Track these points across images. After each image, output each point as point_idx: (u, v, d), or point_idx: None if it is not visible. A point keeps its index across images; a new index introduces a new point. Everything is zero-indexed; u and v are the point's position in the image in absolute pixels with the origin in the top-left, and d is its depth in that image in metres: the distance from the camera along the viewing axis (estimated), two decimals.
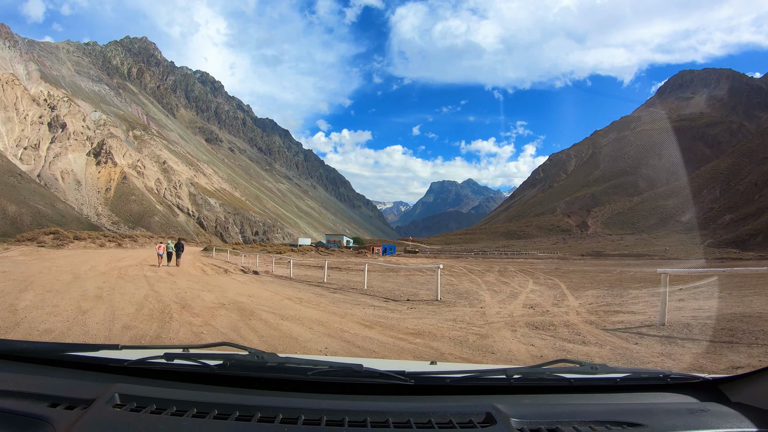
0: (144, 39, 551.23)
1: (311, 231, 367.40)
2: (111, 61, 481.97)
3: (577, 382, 2.47)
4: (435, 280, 18.64)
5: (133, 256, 46.06)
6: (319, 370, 2.31)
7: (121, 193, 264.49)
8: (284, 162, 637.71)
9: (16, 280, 19.67)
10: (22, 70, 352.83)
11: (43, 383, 2.26)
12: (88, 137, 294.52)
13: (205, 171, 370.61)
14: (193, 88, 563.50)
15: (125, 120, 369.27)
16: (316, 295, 18.36)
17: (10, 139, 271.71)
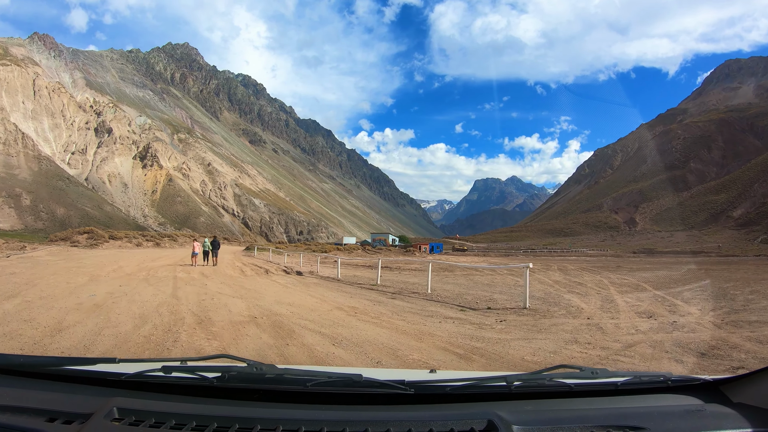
0: (186, 45, 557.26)
1: (356, 230, 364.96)
2: (154, 68, 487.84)
3: (577, 387, 2.45)
4: (502, 281, 15.74)
5: (171, 255, 44.36)
6: (318, 380, 2.29)
7: (167, 195, 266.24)
8: (328, 162, 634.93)
9: (18, 283, 17.90)
10: (67, 78, 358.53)
11: (40, 398, 2.23)
12: (133, 141, 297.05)
13: (250, 172, 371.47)
14: (236, 91, 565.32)
15: (170, 124, 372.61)
16: (372, 302, 15.31)
17: (58, 145, 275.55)
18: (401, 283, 22.84)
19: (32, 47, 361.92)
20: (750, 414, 2.24)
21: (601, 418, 2.17)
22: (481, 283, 22.93)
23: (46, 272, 22.76)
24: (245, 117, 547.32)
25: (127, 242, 61.99)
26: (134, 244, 61.57)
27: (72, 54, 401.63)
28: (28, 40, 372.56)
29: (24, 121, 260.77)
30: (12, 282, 18.06)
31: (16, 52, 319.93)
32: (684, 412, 2.32)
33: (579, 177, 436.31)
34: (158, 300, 14.01)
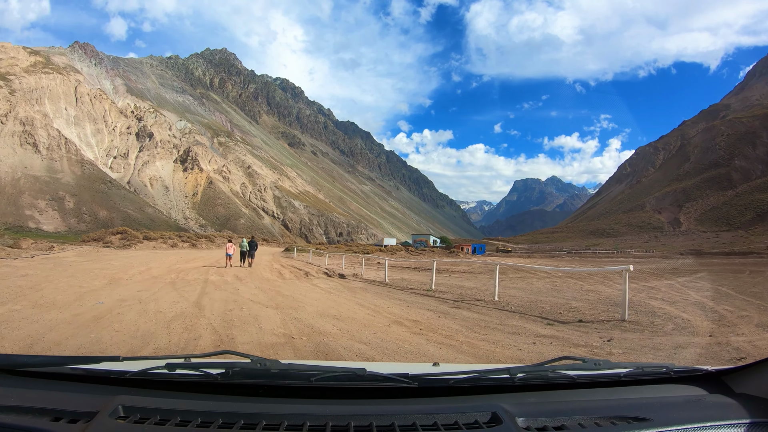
0: (224, 50, 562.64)
1: (395, 231, 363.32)
2: (193, 73, 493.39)
3: (580, 379, 2.46)
4: (565, 285, 14.23)
5: (207, 257, 43.09)
6: (322, 375, 2.29)
7: (207, 198, 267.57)
8: (367, 164, 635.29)
9: (22, 286, 15.94)
10: (108, 85, 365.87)
11: (45, 397, 2.23)
12: (174, 145, 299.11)
13: (289, 174, 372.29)
14: (274, 94, 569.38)
15: (210, 128, 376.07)
16: (435, 313, 12.63)
17: (101, 149, 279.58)
18: (457, 287, 20.25)
19: (73, 56, 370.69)
20: (752, 404, 2.24)
21: (604, 409, 2.18)
22: (545, 289, 20.61)
23: (63, 274, 21.03)
24: (284, 120, 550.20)
25: (161, 243, 60.27)
26: (169, 245, 60.26)
27: (112, 61, 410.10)
28: (69, 49, 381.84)
29: (67, 126, 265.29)
30: (16, 285, 16.10)
31: (57, 61, 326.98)
32: (686, 402, 2.34)
33: (620, 176, 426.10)
34: (176, 310, 11.85)
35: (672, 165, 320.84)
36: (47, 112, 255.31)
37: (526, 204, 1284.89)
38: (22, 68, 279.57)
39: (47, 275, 20.35)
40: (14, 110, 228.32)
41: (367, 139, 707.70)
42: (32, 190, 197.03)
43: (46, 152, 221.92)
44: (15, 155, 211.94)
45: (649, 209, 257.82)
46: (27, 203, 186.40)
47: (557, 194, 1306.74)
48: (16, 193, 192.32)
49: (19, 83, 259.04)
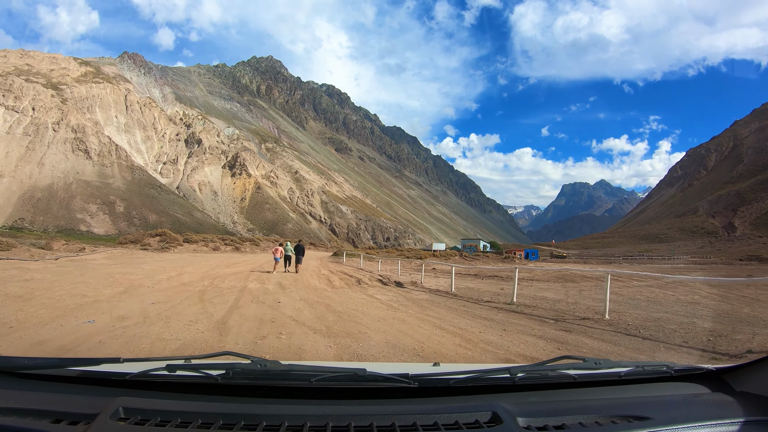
0: (270, 58, 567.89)
1: (443, 236, 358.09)
2: (240, 81, 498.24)
3: (581, 378, 2.45)
4: (649, 294, 13.61)
5: (249, 261, 40.80)
6: (322, 376, 2.28)
7: (255, 202, 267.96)
8: (413, 169, 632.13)
9: (11, 295, 13.69)
10: (157, 93, 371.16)
11: (45, 399, 2.23)
12: (222, 151, 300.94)
13: (336, 179, 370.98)
14: (321, 100, 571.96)
15: (257, 134, 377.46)
16: (544, 340, 9.56)
17: (150, 156, 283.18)
18: (540, 300, 17.17)
19: (123, 66, 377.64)
20: (752, 402, 2.26)
21: (604, 408, 2.19)
22: (637, 298, 18.13)
23: (74, 279, 18.57)
24: (330, 126, 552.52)
25: (203, 246, 57.92)
26: (211, 249, 58.27)
27: (161, 71, 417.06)
28: (119, 59, 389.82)
29: (117, 134, 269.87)
30: (4, 294, 13.82)
31: (107, 71, 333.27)
32: (687, 400, 2.36)
33: (671, 179, 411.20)
34: (187, 336, 8.78)
35: (724, 167, 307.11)
36: (98, 120, 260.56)
37: (575, 209, 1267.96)
38: (73, 78, 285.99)
39: (55, 280, 18.07)
40: (66, 118, 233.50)
41: (414, 144, 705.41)
42: (84, 194, 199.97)
43: (97, 158, 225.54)
44: (67, 161, 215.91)
45: (702, 213, 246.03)
46: (78, 207, 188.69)
47: (606, 198, 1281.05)
48: (68, 197, 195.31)
49: (71, 92, 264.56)
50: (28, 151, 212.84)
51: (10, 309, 11.07)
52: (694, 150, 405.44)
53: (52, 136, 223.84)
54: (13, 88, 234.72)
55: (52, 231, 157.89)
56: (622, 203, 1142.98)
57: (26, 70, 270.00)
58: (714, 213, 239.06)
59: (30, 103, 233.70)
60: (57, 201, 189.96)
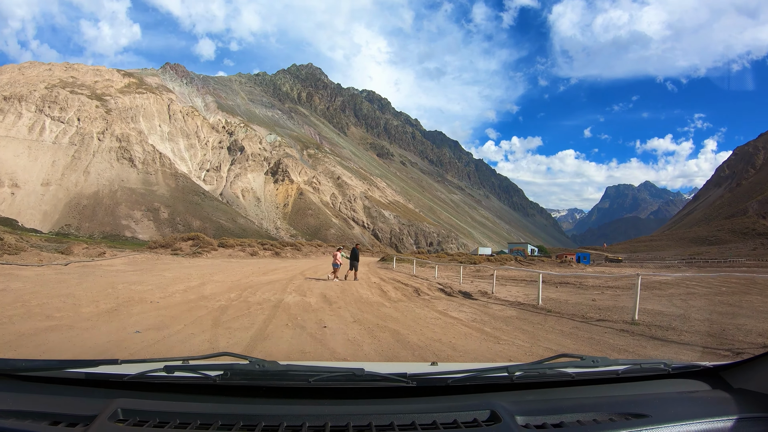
0: (309, 65, 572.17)
1: (486, 241, 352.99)
2: (281, 88, 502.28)
3: (579, 376, 2.45)
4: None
5: (290, 267, 36.74)
6: (321, 376, 2.28)
7: (298, 208, 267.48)
8: (456, 173, 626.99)
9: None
10: (200, 102, 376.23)
11: (43, 401, 2.23)
12: (265, 158, 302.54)
13: (379, 184, 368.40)
14: (361, 106, 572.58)
15: (299, 140, 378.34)
16: None
17: (194, 163, 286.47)
18: (666, 316, 13.62)
19: (165, 76, 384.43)
20: (750, 399, 2.27)
21: (603, 406, 2.19)
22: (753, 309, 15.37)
23: (60, 291, 15.37)
24: (372, 131, 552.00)
25: (239, 251, 53.44)
26: (248, 254, 53.14)
27: (203, 80, 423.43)
28: (161, 70, 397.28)
29: (161, 142, 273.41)
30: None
31: (150, 81, 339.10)
32: (685, 398, 2.37)
33: (718, 179, 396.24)
34: None
35: None
36: (142, 129, 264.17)
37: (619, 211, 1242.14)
38: (117, 89, 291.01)
39: (35, 291, 15.09)
40: (110, 128, 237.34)
41: (456, 148, 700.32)
42: (128, 201, 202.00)
43: (141, 166, 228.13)
44: (112, 169, 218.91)
45: (752, 214, 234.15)
46: (123, 214, 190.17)
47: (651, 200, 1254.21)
48: (113, 204, 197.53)
49: (115, 103, 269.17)
50: (74, 160, 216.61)
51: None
52: (741, 148, 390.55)
53: (97, 145, 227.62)
54: (58, 99, 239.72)
55: (97, 237, 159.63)
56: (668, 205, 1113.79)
57: (71, 83, 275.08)
58: (765, 214, 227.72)
59: (75, 114, 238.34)
60: (102, 208, 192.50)
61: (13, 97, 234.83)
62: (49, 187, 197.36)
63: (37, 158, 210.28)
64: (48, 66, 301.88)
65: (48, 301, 12.96)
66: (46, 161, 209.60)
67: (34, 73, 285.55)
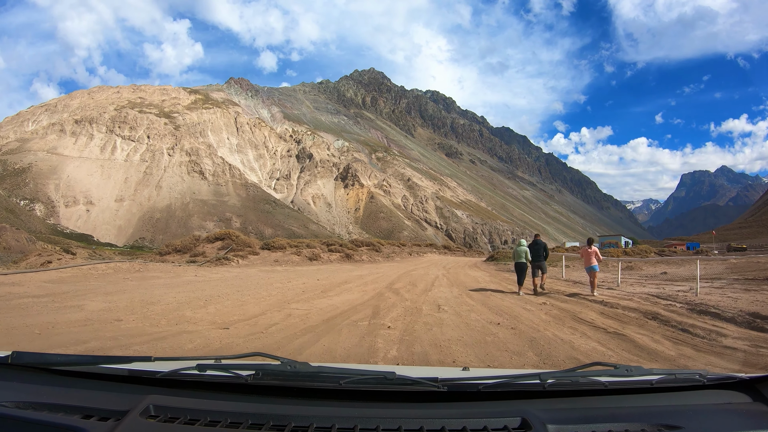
0: (371, 70, 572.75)
1: (560, 236, 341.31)
2: (345, 95, 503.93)
3: (612, 385, 2.41)
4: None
5: (368, 277, 24.56)
6: (352, 378, 2.28)
7: (369, 212, 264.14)
8: (526, 169, 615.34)
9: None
10: (266, 113, 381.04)
11: (77, 395, 2.27)
12: (334, 164, 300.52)
13: (449, 184, 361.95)
14: (426, 107, 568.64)
15: (367, 144, 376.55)
16: None
17: (264, 173, 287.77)
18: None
19: (230, 90, 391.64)
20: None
21: (635, 417, 2.15)
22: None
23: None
24: (438, 131, 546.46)
25: (293, 254, 38.21)
26: (304, 257, 38.13)
27: (267, 92, 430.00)
28: (226, 85, 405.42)
29: (230, 154, 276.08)
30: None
31: (216, 96, 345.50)
32: (720, 410, 2.30)
33: None
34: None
35: None
36: (211, 143, 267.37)
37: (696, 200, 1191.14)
38: (184, 106, 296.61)
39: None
40: (180, 143, 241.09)
41: (524, 143, 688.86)
42: (200, 212, 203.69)
43: (212, 178, 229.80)
44: (183, 183, 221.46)
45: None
46: (196, 225, 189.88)
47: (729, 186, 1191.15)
48: (186, 216, 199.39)
49: (183, 119, 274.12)
50: (146, 175, 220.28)
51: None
52: None
53: (168, 160, 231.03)
54: (127, 119, 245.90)
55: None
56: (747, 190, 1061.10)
57: (139, 103, 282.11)
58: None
59: (145, 132, 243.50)
60: (175, 220, 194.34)
61: (84, 120, 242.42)
62: (123, 203, 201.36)
63: (110, 176, 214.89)
64: (116, 89, 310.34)
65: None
66: (118, 178, 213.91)
67: (103, 96, 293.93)
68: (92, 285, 17.89)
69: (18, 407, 2.13)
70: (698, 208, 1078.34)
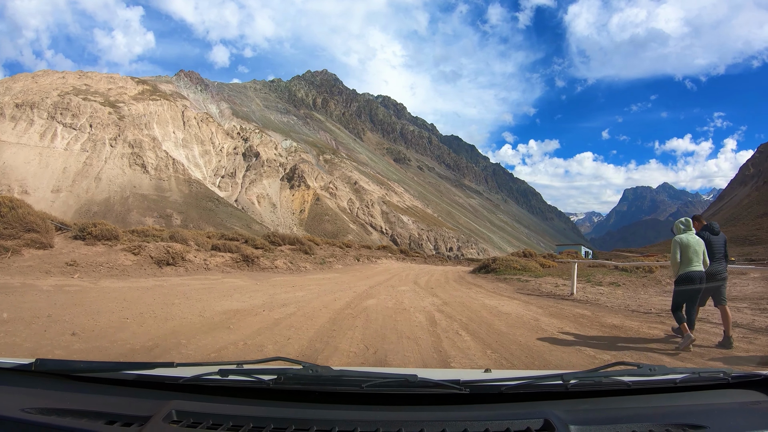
0: (324, 71, 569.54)
1: (505, 245, 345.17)
2: (296, 95, 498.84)
3: (635, 385, 2.40)
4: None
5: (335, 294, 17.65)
6: (373, 381, 2.27)
7: (314, 214, 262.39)
8: (473, 177, 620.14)
9: None
10: (214, 109, 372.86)
11: (100, 401, 2.28)
12: (280, 164, 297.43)
13: (396, 189, 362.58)
14: (377, 112, 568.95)
15: (315, 146, 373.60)
16: None
17: (208, 170, 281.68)
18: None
19: (179, 83, 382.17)
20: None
21: (659, 417, 2.14)
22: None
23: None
24: (388, 137, 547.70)
25: (124, 253, 20.13)
26: (147, 262, 20.09)
27: (217, 87, 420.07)
28: (175, 77, 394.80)
29: (175, 149, 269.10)
30: None
31: (164, 89, 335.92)
32: (745, 409, 2.28)
33: (743, 178, 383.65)
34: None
35: None
36: (155, 136, 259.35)
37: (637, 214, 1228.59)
38: (131, 96, 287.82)
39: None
40: (123, 134, 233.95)
41: (473, 152, 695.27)
42: (140, 207, 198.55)
43: (154, 172, 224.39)
44: (124, 176, 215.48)
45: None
46: (135, 220, 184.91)
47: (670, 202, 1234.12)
48: (125, 211, 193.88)
49: (128, 109, 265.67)
50: (86, 166, 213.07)
51: None
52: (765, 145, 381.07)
53: (109, 151, 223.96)
54: (70, 106, 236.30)
55: None
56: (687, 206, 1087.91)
57: (84, 90, 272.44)
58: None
59: (87, 121, 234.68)
60: (113, 214, 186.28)
61: (26, 104, 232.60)
62: (60, 194, 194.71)
63: (48, 165, 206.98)
64: (62, 74, 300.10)
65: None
66: (57, 168, 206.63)
67: (48, 81, 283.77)
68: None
69: (42, 413, 2.14)
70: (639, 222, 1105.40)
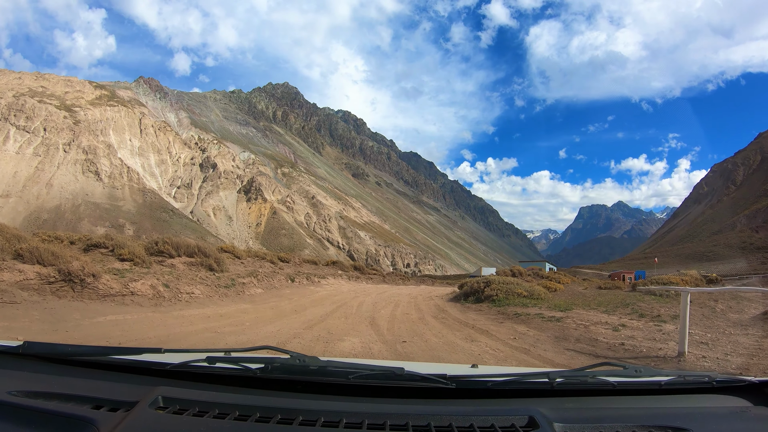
0: (286, 84, 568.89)
1: (463, 262, 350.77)
2: (256, 106, 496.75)
3: (621, 386, 2.41)
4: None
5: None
6: (360, 373, 2.27)
7: (271, 228, 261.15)
8: (431, 194, 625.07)
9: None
10: (173, 118, 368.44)
11: (87, 386, 2.27)
12: (238, 176, 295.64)
13: (354, 205, 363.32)
14: (337, 126, 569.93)
15: (273, 159, 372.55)
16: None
17: (164, 180, 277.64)
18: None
19: (138, 90, 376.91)
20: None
21: (643, 418, 2.13)
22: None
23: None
24: (347, 151, 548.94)
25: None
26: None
27: (177, 96, 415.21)
28: (135, 84, 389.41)
29: (131, 157, 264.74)
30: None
31: (122, 95, 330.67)
32: (728, 413, 2.29)
33: (697, 196, 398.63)
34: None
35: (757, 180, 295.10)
36: (111, 143, 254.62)
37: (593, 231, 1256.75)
38: (87, 101, 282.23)
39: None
40: (77, 139, 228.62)
41: (431, 169, 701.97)
42: (92, 216, 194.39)
43: (108, 180, 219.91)
44: (77, 183, 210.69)
45: (743, 228, 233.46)
46: (86, 229, 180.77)
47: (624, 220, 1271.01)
48: (76, 219, 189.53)
49: (84, 114, 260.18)
50: (37, 171, 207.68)
51: None
52: (719, 165, 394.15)
53: (63, 157, 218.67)
54: (25, 108, 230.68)
55: None
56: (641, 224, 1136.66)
57: (40, 92, 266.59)
58: (757, 227, 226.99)
59: (41, 124, 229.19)
60: (64, 222, 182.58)
61: None
62: (9, 199, 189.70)
63: None
64: (18, 74, 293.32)
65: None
66: (7, 172, 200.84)
67: (3, 81, 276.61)
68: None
69: (28, 397, 2.14)
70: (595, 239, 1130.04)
